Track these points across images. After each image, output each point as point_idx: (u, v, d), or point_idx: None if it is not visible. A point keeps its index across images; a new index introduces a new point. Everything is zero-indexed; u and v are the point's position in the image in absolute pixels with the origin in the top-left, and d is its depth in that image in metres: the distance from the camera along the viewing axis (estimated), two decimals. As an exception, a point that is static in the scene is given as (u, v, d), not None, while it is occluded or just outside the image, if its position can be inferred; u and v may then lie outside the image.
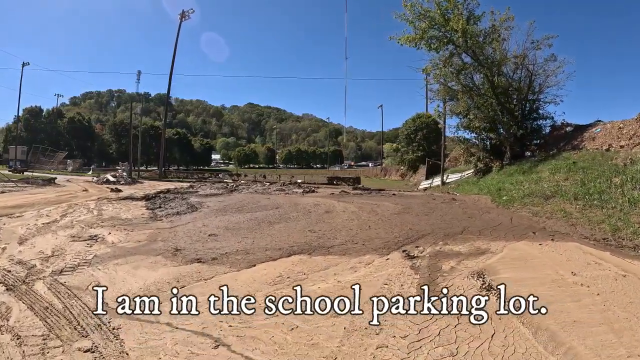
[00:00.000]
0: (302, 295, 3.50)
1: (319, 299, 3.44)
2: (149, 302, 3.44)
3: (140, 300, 3.45)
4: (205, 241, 6.34)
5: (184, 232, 7.04)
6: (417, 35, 19.86)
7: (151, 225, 7.79)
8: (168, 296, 3.64)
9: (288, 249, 5.95)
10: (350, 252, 5.88)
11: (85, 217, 9.08)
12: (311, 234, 7.06)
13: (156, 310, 3.35)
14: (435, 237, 6.84)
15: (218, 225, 7.70)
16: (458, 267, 5.06)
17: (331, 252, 5.90)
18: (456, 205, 12.75)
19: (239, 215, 8.99)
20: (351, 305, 3.35)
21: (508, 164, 22.66)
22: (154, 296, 3.62)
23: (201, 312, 3.29)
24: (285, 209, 9.89)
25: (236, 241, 6.41)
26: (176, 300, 3.42)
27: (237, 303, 3.38)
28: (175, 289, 3.88)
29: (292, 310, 3.33)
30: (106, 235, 6.86)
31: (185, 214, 9.30)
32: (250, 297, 3.57)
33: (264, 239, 6.64)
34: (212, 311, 3.31)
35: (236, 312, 3.31)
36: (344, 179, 29.69)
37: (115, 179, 22.69)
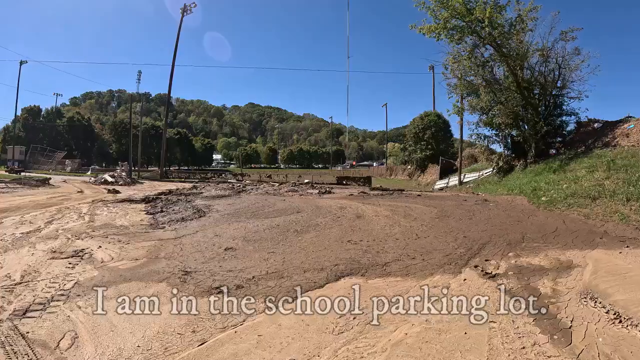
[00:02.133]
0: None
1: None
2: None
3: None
4: (222, 258, 4.93)
5: (193, 245, 5.63)
6: (439, 25, 18.50)
7: (151, 235, 6.37)
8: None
9: (332, 268, 4.56)
10: (413, 271, 4.56)
11: (74, 224, 7.67)
12: (353, 247, 5.66)
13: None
14: (498, 247, 5.83)
15: (234, 236, 6.28)
16: (558, 289, 4.07)
17: (389, 271, 4.54)
18: (494, 208, 11.46)
19: (256, 221, 7.57)
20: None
21: (532, 162, 21.27)
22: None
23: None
24: (308, 214, 8.48)
25: (261, 258, 5.00)
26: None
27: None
28: (192, 346, 2.47)
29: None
30: (95, 249, 5.44)
31: (191, 220, 7.89)
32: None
33: (296, 254, 5.23)
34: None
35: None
36: (354, 179, 28.24)
37: (114, 180, 21.29)
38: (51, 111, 67.54)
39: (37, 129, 62.28)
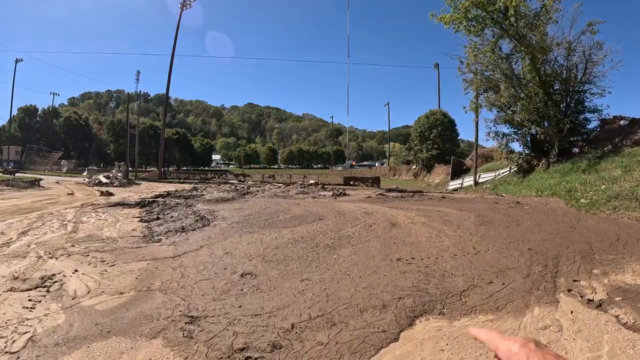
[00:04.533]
0: None
1: None
2: None
3: None
4: (240, 291, 3.58)
5: (197, 269, 4.28)
6: (460, 15, 17.24)
7: (144, 252, 5.02)
8: None
9: (396, 303, 3.33)
10: (502, 303, 3.53)
11: (53, 235, 6.32)
12: (407, 267, 4.35)
13: None
14: (573, 262, 4.91)
15: (249, 253, 4.93)
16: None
17: (471, 305, 3.35)
18: (532, 212, 10.37)
19: (273, 232, 6.23)
20: None
21: (555, 162, 19.98)
22: None
23: None
24: (333, 222, 7.14)
25: (294, 289, 3.67)
26: None
27: None
28: None
29: None
30: (69, 275, 4.09)
31: (193, 230, 6.53)
32: None
33: (340, 281, 3.90)
34: None
35: None
36: (362, 179, 26.88)
37: (109, 181, 19.90)
38: (48, 111, 65.97)
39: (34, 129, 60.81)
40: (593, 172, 16.12)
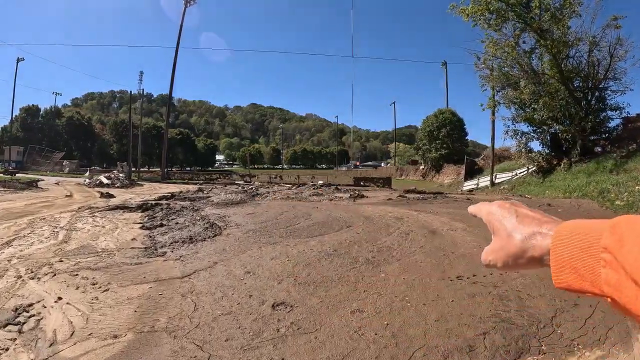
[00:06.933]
0: None
1: None
2: None
3: None
4: (276, 334, 2.63)
5: (215, 297, 3.33)
6: (482, 7, 16.29)
7: (145, 271, 4.08)
8: None
9: (484, 342, 2.65)
10: (600, 332, 2.74)
11: (40, 246, 5.40)
12: (474, 288, 3.50)
13: None
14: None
15: (275, 272, 3.99)
16: None
17: (569, 337, 2.99)
18: (570, 215, 9.17)
19: (299, 243, 5.28)
20: None
21: (577, 161, 18.95)
22: None
23: None
24: (363, 229, 6.18)
25: (347, 327, 2.73)
26: None
27: None
28: None
29: None
30: (50, 305, 3.17)
31: (203, 240, 5.60)
32: None
33: (402, 313, 2.99)
34: None
35: None
36: (372, 180, 25.94)
37: (110, 182, 19.03)
38: (50, 111, 65.41)
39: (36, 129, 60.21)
40: (622, 172, 15.22)
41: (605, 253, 0.36)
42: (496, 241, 0.48)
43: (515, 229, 0.46)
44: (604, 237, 0.37)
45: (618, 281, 0.35)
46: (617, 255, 0.35)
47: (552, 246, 0.41)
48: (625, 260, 0.34)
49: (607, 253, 0.36)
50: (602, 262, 0.36)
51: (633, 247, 0.34)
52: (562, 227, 0.42)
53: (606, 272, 0.36)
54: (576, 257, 0.38)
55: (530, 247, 0.44)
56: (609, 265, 0.36)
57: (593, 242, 0.37)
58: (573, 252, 0.39)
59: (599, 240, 0.37)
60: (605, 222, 0.38)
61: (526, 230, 0.45)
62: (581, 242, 0.38)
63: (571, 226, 0.41)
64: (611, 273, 0.35)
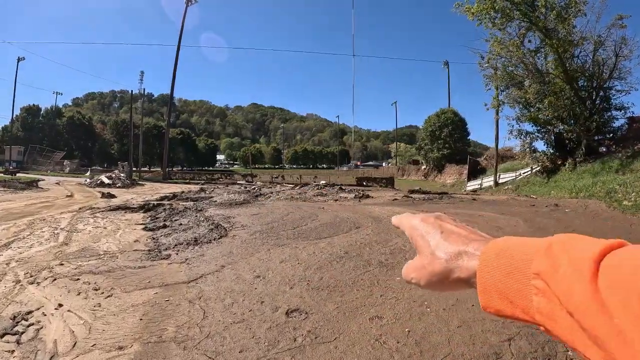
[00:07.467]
0: None
1: None
2: None
3: None
4: (293, 344, 2.45)
5: (225, 304, 3.15)
6: (487, 6, 16.11)
7: (150, 275, 3.90)
8: None
9: (510, 349, 2.69)
10: None
11: (40, 248, 5.23)
12: None
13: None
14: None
15: (287, 276, 3.81)
16: None
17: None
18: (578, 215, 9.88)
19: (308, 245, 5.09)
20: None
21: (582, 161, 18.77)
22: None
23: None
24: (373, 230, 6.00)
25: (367, 335, 2.58)
26: None
27: None
28: None
29: None
30: (50, 312, 2.99)
31: (208, 242, 5.42)
32: None
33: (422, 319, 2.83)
34: None
35: None
36: (375, 180, 25.74)
37: (111, 182, 18.86)
38: (51, 110, 65.25)
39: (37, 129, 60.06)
40: (628, 172, 15.09)
41: (537, 280, 0.32)
42: (419, 258, 0.45)
43: (439, 247, 0.43)
44: (536, 261, 0.33)
45: (552, 311, 0.31)
46: (550, 282, 0.31)
47: (479, 269, 0.37)
48: (558, 289, 0.30)
49: (539, 280, 0.32)
50: (533, 290, 0.32)
51: (567, 273, 0.30)
52: (489, 247, 0.38)
53: (538, 300, 0.32)
54: (504, 282, 0.34)
55: (456, 267, 0.40)
56: (542, 294, 0.32)
57: (523, 267, 0.33)
58: (501, 276, 0.34)
59: (530, 264, 0.33)
60: (539, 242, 0.34)
61: (451, 248, 0.42)
62: (510, 266, 0.34)
63: (499, 246, 0.36)
64: (544, 302, 0.31)
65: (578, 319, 0.29)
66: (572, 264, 0.30)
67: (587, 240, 0.33)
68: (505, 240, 0.37)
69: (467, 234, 0.43)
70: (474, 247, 0.40)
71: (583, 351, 0.29)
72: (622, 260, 0.28)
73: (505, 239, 0.38)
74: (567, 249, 0.32)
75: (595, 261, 0.29)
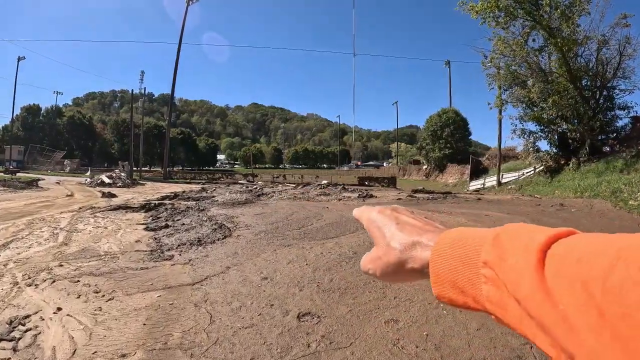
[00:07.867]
0: None
1: None
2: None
3: None
4: (307, 350, 2.31)
5: (232, 307, 3.00)
6: (491, 4, 15.97)
7: (152, 277, 3.76)
8: None
9: (532, 352, 2.33)
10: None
11: (39, 249, 5.08)
12: None
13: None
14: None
15: (295, 278, 3.66)
16: None
17: None
18: (584, 215, 9.93)
19: (315, 245, 4.95)
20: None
21: (586, 161, 18.61)
22: None
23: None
24: (381, 231, 5.86)
25: (384, 339, 2.48)
26: None
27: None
28: None
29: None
30: (49, 316, 2.84)
31: (212, 242, 5.27)
32: None
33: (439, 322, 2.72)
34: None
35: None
36: (377, 179, 25.61)
37: (111, 181, 18.72)
38: (51, 110, 65.13)
39: (37, 128, 59.93)
40: (632, 172, 14.96)
41: (485, 268, 0.32)
42: (376, 250, 0.45)
43: (394, 238, 0.43)
44: (484, 251, 0.33)
45: (500, 299, 0.32)
46: (498, 271, 0.32)
47: (431, 259, 0.38)
48: (506, 278, 0.31)
49: (488, 268, 0.32)
50: (482, 278, 0.33)
51: (514, 262, 0.31)
52: (442, 237, 0.38)
53: (487, 288, 0.33)
54: (456, 271, 0.35)
55: (410, 258, 0.40)
56: (491, 282, 0.32)
57: (473, 256, 0.34)
58: (452, 266, 0.35)
59: (479, 253, 0.33)
60: (489, 231, 0.35)
61: (406, 239, 0.42)
62: (461, 256, 0.35)
63: (452, 237, 0.37)
64: (493, 290, 0.32)
65: (525, 306, 0.29)
66: (519, 252, 0.30)
67: (535, 229, 0.33)
68: (459, 231, 0.37)
69: (422, 225, 0.44)
70: (427, 238, 0.40)
71: (532, 338, 0.30)
72: (568, 249, 0.28)
73: (459, 230, 0.37)
74: (514, 237, 0.32)
75: (542, 250, 0.29)
